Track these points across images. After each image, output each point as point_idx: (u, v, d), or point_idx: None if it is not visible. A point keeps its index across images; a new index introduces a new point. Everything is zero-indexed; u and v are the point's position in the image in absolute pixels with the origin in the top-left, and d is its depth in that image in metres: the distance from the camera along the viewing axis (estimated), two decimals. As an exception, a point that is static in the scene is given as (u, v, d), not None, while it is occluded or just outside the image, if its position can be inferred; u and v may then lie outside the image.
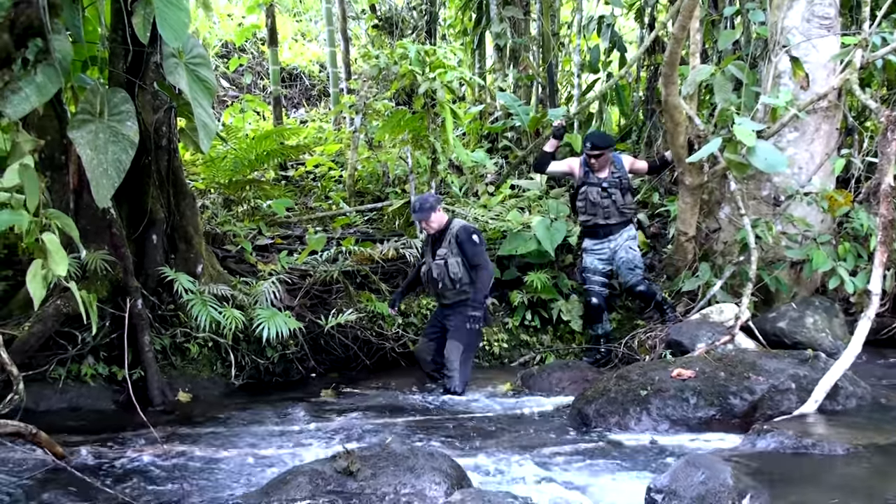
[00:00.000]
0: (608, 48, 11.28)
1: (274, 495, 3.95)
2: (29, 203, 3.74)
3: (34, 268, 3.69)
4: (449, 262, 6.83)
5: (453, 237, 6.87)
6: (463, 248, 6.82)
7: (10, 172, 3.66)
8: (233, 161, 9.27)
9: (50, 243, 3.73)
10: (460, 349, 6.80)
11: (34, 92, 5.00)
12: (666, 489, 3.82)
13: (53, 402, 6.13)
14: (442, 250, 6.90)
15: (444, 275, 6.84)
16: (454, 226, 6.95)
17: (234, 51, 16.41)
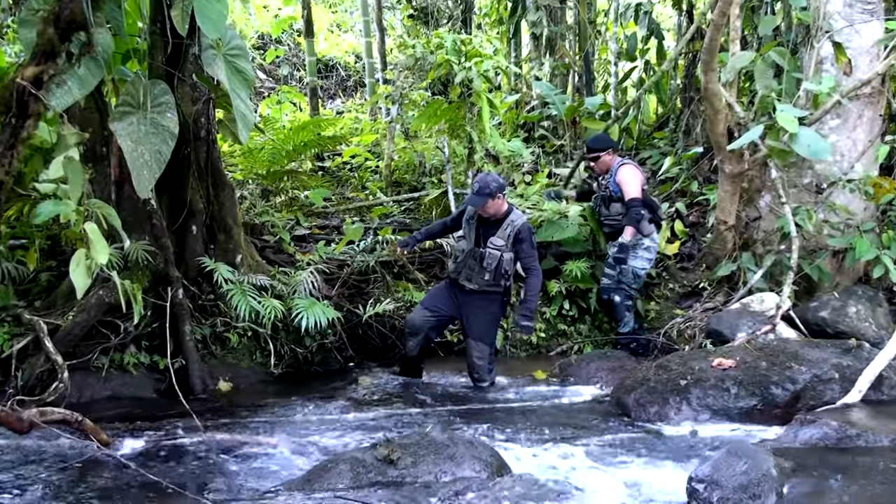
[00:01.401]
0: (646, 36, 11.19)
1: (316, 482, 3.98)
2: (73, 194, 3.79)
3: (78, 257, 3.74)
4: (504, 257, 6.41)
5: (514, 231, 6.42)
6: (521, 245, 6.44)
7: (56, 164, 3.71)
8: (270, 152, 9.32)
9: (92, 233, 3.77)
10: (487, 351, 6.67)
11: (76, 85, 5.07)
12: (708, 479, 3.80)
13: (97, 390, 6.21)
14: (498, 241, 6.42)
15: (493, 266, 6.42)
16: (516, 219, 6.48)
17: (270, 42, 16.47)
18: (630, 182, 7.56)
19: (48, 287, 6.83)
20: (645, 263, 7.66)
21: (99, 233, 3.81)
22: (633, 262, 7.58)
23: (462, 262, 6.61)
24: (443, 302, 6.76)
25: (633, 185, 7.55)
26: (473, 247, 6.53)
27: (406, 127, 10.73)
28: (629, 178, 7.58)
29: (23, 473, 4.45)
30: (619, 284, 7.66)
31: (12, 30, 11.43)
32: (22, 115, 3.57)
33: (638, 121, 10.95)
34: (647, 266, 7.73)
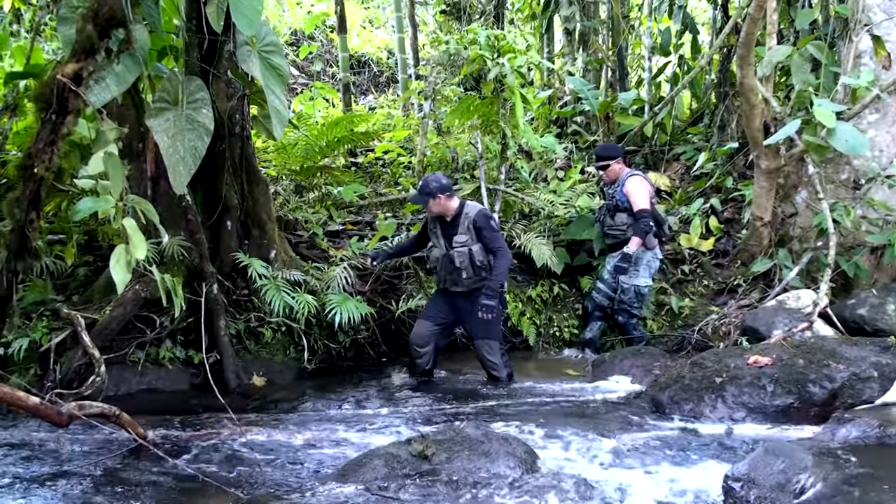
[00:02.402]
0: (680, 30, 11.10)
1: (350, 477, 4.00)
2: (113, 190, 3.82)
3: (117, 253, 3.77)
4: (473, 250, 6.47)
5: (470, 223, 6.48)
6: (482, 233, 6.46)
7: (95, 160, 3.75)
8: (304, 148, 9.36)
9: (130, 228, 3.80)
10: (496, 347, 6.70)
11: (114, 81, 5.13)
12: (744, 477, 3.76)
13: (133, 384, 6.29)
14: (461, 237, 6.50)
15: (466, 262, 6.49)
16: (469, 210, 6.55)
17: (303, 39, 16.53)
18: (639, 193, 7.48)
19: (85, 282, 6.91)
20: (647, 280, 7.57)
21: (137, 228, 3.84)
22: (634, 280, 7.50)
23: (440, 269, 6.70)
24: (442, 309, 6.82)
25: (642, 197, 7.47)
26: (444, 252, 6.59)
27: (439, 123, 10.72)
28: (638, 190, 7.49)
29: (62, 466, 4.51)
30: (621, 304, 7.63)
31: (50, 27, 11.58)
32: (62, 112, 3.61)
33: (672, 116, 10.85)
34: (650, 281, 7.63)
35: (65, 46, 5.62)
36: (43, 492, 4.13)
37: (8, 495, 4.08)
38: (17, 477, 4.34)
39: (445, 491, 3.78)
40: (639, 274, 7.49)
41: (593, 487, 3.98)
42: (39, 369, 5.98)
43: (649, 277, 7.58)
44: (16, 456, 4.72)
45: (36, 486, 4.18)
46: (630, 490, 4.13)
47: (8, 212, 3.70)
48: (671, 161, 10.61)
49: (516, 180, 9.67)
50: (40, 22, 10.56)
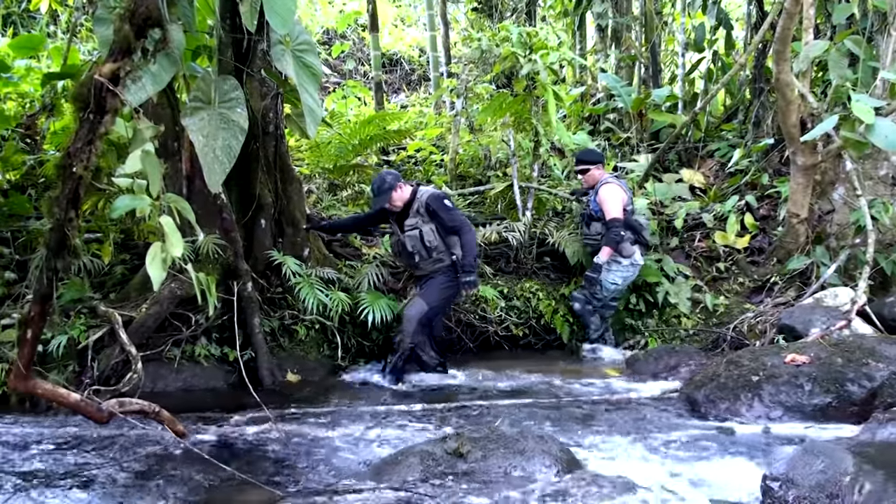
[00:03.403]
0: (714, 26, 10.99)
1: (386, 475, 4.00)
2: (151, 188, 3.85)
3: (153, 251, 3.80)
4: (423, 231, 6.63)
5: (422, 206, 6.66)
6: (437, 215, 6.60)
7: (132, 159, 3.78)
8: (337, 146, 9.39)
9: (167, 226, 3.83)
10: (424, 310, 6.66)
11: (150, 81, 5.17)
12: (783, 477, 3.72)
13: (169, 381, 6.34)
14: (411, 220, 6.70)
15: (418, 245, 6.65)
16: (421, 195, 6.73)
17: (335, 37, 16.59)
18: (610, 201, 7.39)
19: (122, 280, 6.98)
20: (616, 279, 7.49)
21: (174, 226, 3.86)
22: (603, 274, 7.45)
23: (399, 256, 7.02)
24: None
25: (614, 205, 7.37)
26: (398, 237, 6.77)
27: (471, 120, 10.71)
28: (609, 198, 7.40)
29: (101, 462, 4.56)
30: (581, 289, 7.63)
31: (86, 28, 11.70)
32: (100, 111, 3.63)
33: (706, 113, 10.76)
34: (619, 282, 7.54)
35: (101, 47, 5.68)
36: (82, 488, 4.17)
37: (48, 491, 4.13)
38: (57, 473, 4.40)
39: (481, 489, 3.77)
40: (610, 270, 7.47)
41: (630, 486, 3.95)
42: (77, 366, 6.04)
43: (620, 279, 7.51)
44: (55, 452, 4.77)
45: (76, 482, 4.23)
46: (667, 489, 4.10)
47: (48, 210, 3.73)
48: (705, 158, 10.53)
49: (549, 178, 9.64)
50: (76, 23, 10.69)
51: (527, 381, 6.70)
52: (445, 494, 3.71)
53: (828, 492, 3.58)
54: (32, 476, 4.34)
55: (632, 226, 7.46)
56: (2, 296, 6.59)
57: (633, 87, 11.54)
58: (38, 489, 4.12)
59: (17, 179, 8.72)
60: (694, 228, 8.99)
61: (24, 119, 9.08)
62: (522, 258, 8.39)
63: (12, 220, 7.63)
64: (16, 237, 7.27)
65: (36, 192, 8.48)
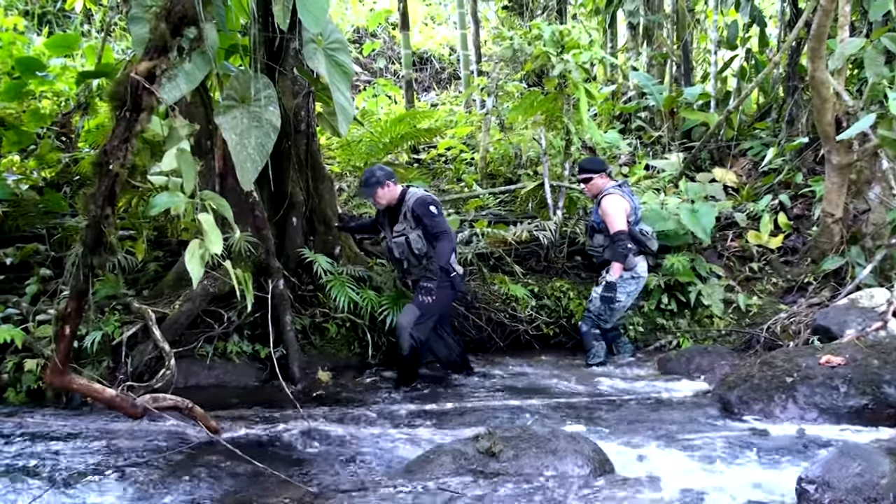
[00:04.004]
0: (747, 23, 10.89)
1: (418, 473, 4.00)
2: (186, 186, 3.87)
3: (192, 247, 3.82)
4: (410, 238, 6.41)
5: (409, 211, 6.43)
6: (422, 221, 6.36)
7: (168, 157, 3.81)
8: (368, 144, 9.41)
9: (206, 223, 3.85)
10: (414, 314, 6.37)
11: (184, 79, 5.20)
12: (819, 480, 3.68)
13: (201, 377, 6.38)
14: (399, 226, 6.48)
15: (406, 252, 6.45)
16: (409, 198, 6.47)
17: (365, 36, 16.63)
18: (613, 213, 7.08)
19: (155, 276, 7.04)
20: (620, 296, 7.19)
21: (213, 223, 3.89)
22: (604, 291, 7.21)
23: (388, 259, 6.81)
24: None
25: (617, 217, 7.07)
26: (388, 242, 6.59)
27: (501, 119, 10.70)
28: (612, 210, 7.10)
29: (135, 457, 4.60)
30: (588, 312, 7.35)
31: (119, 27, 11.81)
32: (136, 109, 3.67)
33: (738, 111, 10.67)
34: (623, 299, 7.24)
35: (136, 45, 5.72)
36: (115, 482, 4.21)
37: (81, 484, 4.17)
38: (91, 467, 4.44)
39: (513, 488, 3.76)
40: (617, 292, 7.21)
41: (662, 487, 3.93)
42: (112, 362, 6.09)
43: (624, 294, 7.21)
44: (89, 446, 4.82)
45: (109, 477, 4.27)
46: (700, 491, 4.06)
47: (84, 207, 3.78)
48: (738, 157, 10.44)
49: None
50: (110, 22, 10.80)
51: (557, 381, 6.68)
52: (478, 493, 3.70)
53: (865, 495, 3.54)
54: (67, 470, 4.39)
55: (635, 237, 7.18)
56: (37, 292, 6.66)
57: (664, 86, 11.48)
58: (73, 483, 4.16)
59: (53, 177, 8.82)
60: (726, 228, 8.92)
61: (58, 117, 9.19)
62: (553, 257, 8.36)
63: (48, 217, 7.73)
64: (51, 234, 7.36)
65: (71, 189, 8.59)
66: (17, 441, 4.92)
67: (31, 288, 6.66)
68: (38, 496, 3.93)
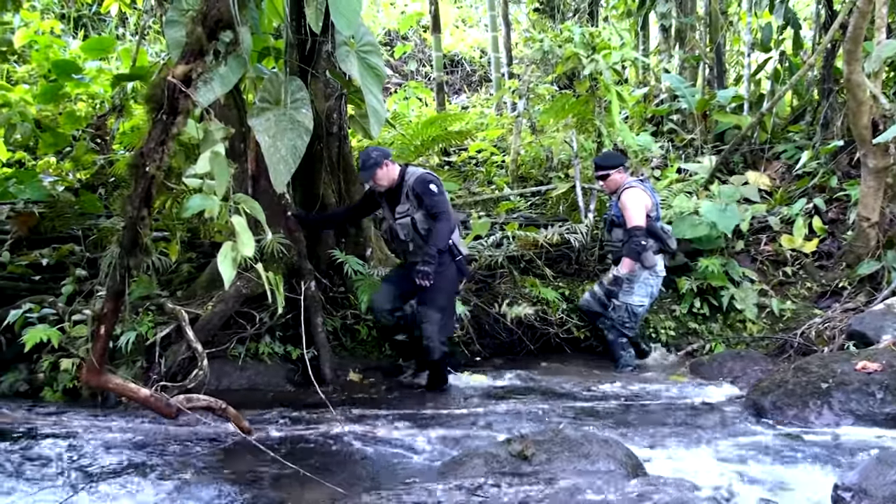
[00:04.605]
0: (781, 26, 10.79)
1: (450, 475, 4.00)
2: (219, 189, 3.91)
3: (225, 249, 3.86)
4: (416, 219, 6.20)
5: (410, 190, 6.21)
6: (423, 200, 6.14)
7: (203, 159, 3.84)
8: (399, 147, 9.44)
9: (238, 226, 3.89)
10: (438, 318, 6.20)
11: (218, 82, 5.24)
12: (856, 487, 3.63)
13: (234, 378, 6.41)
14: (402, 206, 6.25)
15: (411, 233, 6.25)
16: (409, 178, 6.25)
17: (396, 38, 16.69)
18: (632, 208, 6.94)
19: (189, 278, 7.09)
20: (643, 299, 7.09)
21: (245, 226, 3.92)
22: (627, 297, 7.05)
23: (390, 241, 6.57)
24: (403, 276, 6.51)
25: (636, 212, 6.93)
26: (389, 223, 6.41)
27: (533, 121, 10.69)
28: (632, 204, 6.96)
29: (169, 457, 4.63)
30: (612, 322, 7.20)
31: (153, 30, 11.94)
32: (172, 112, 3.71)
33: (772, 114, 10.57)
34: (646, 302, 7.15)
35: (171, 49, 5.78)
36: (148, 482, 4.24)
37: (115, 483, 4.20)
38: (124, 466, 4.47)
39: (546, 492, 3.75)
40: (633, 292, 7.06)
41: (695, 494, 3.90)
42: (146, 362, 6.15)
43: (646, 296, 7.11)
44: (124, 446, 4.86)
45: (142, 476, 4.30)
46: (735, 497, 4.03)
47: (121, 209, 3.84)
48: (771, 160, 10.34)
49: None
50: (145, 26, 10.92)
51: (588, 384, 6.64)
52: (511, 497, 3.70)
53: (903, 503, 3.49)
54: (101, 468, 4.43)
55: (655, 233, 7.06)
56: (73, 292, 6.74)
57: (697, 88, 11.41)
58: (106, 482, 4.20)
59: (88, 179, 8.94)
60: (760, 232, 8.84)
61: (94, 120, 9.31)
62: (584, 260, 8.33)
63: (83, 218, 7.82)
64: (87, 235, 7.44)
65: (106, 191, 8.69)
66: (52, 439, 4.97)
67: (67, 288, 6.74)
68: (73, 494, 3.97)
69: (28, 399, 6.05)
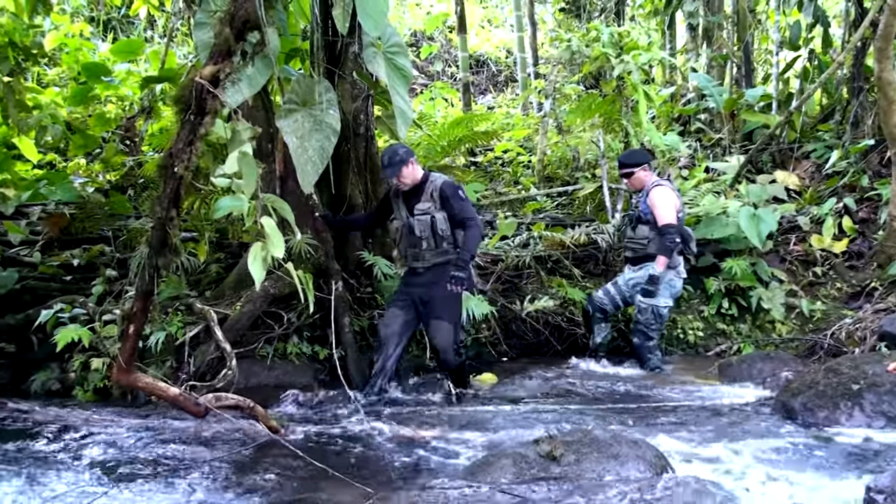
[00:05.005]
0: (810, 24, 10.69)
1: (479, 476, 3.99)
2: (246, 189, 3.93)
3: (255, 250, 3.88)
4: (436, 218, 6.09)
5: (436, 191, 6.11)
6: (450, 202, 6.06)
7: (231, 160, 3.87)
8: (425, 147, 9.45)
9: (268, 226, 3.91)
10: (451, 329, 6.13)
11: (246, 83, 5.27)
12: (888, 490, 3.58)
13: (262, 378, 6.44)
14: (423, 205, 6.13)
15: (427, 232, 6.11)
16: (435, 179, 6.20)
17: (422, 39, 16.71)
18: (664, 206, 6.89)
19: (217, 278, 7.14)
20: (668, 301, 7.01)
21: (275, 227, 3.94)
22: (652, 300, 6.97)
23: (400, 242, 6.39)
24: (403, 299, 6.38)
25: (668, 210, 6.87)
26: (404, 221, 6.27)
27: (559, 121, 10.66)
28: (663, 202, 6.91)
29: (198, 455, 4.65)
30: (638, 325, 7.12)
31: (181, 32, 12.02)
32: (200, 113, 3.74)
33: (801, 113, 10.48)
34: (670, 302, 7.07)
35: (200, 50, 5.82)
36: (177, 480, 4.26)
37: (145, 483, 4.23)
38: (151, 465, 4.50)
39: (575, 493, 3.73)
40: (658, 293, 6.99)
41: (725, 496, 3.86)
42: (175, 362, 6.20)
43: (670, 298, 7.04)
44: (152, 444, 4.89)
45: (171, 474, 4.33)
46: (765, 499, 4.00)
47: (150, 209, 3.86)
48: (800, 159, 10.26)
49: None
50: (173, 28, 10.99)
51: (615, 385, 6.61)
52: (539, 497, 3.69)
53: (937, 506, 3.44)
54: (130, 467, 4.46)
55: (682, 234, 7.01)
56: (103, 292, 6.81)
57: (725, 87, 11.33)
58: (136, 481, 4.22)
59: (118, 180, 9.02)
60: (789, 231, 8.76)
61: (123, 121, 9.39)
62: (611, 260, 8.29)
63: (113, 219, 7.90)
64: (116, 236, 7.51)
65: (135, 192, 8.77)
66: (83, 438, 5.02)
67: (98, 288, 6.82)
68: (104, 493, 4.00)
69: (60, 398, 6.14)
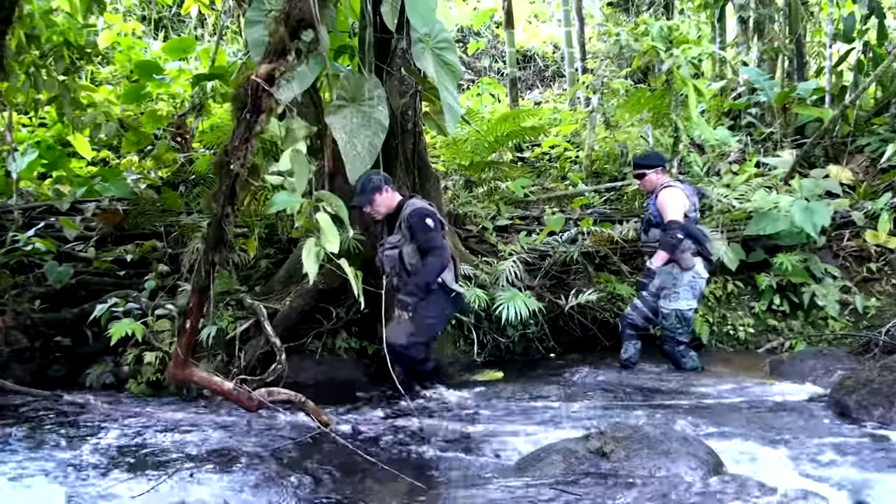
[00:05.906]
0: (865, 15, 10.49)
1: (528, 471, 4.00)
2: (298, 186, 3.98)
3: (308, 245, 3.93)
4: (404, 251, 5.89)
5: (404, 221, 5.91)
6: (415, 234, 5.83)
7: (285, 157, 3.92)
8: (473, 143, 9.46)
9: (324, 223, 3.95)
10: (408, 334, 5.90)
11: (297, 81, 5.33)
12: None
13: (311, 372, 6.52)
14: (393, 237, 5.97)
15: (397, 266, 5.93)
16: (407, 208, 5.95)
17: (469, 35, 16.71)
18: (671, 205, 6.72)
19: (267, 273, 7.23)
20: (690, 303, 6.79)
21: (330, 223, 3.99)
22: (674, 303, 6.76)
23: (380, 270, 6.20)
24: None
25: (675, 208, 6.71)
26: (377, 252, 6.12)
27: (607, 116, 10.60)
28: (670, 202, 6.74)
29: (251, 449, 4.72)
30: (665, 331, 6.94)
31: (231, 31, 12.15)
32: (256, 111, 3.78)
33: (855, 106, 10.30)
34: (694, 304, 6.86)
35: (252, 48, 5.89)
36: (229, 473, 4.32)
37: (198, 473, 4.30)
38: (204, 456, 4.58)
39: (625, 489, 3.73)
40: (679, 297, 6.78)
41: (777, 491, 3.83)
42: (226, 356, 6.30)
43: (692, 299, 6.83)
44: (205, 437, 4.98)
45: (224, 467, 4.39)
46: (816, 496, 3.95)
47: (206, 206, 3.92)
48: (854, 153, 10.07)
49: (688, 174, 9.42)
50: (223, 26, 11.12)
51: (664, 382, 6.55)
52: (590, 493, 3.68)
53: None
54: (182, 460, 4.54)
55: (694, 235, 6.80)
56: (156, 287, 6.92)
57: (776, 81, 11.16)
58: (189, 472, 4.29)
59: (169, 176, 9.15)
60: (843, 227, 8.62)
61: (174, 119, 9.53)
62: (660, 256, 8.22)
63: (165, 215, 8.02)
64: (168, 231, 7.63)
65: (186, 188, 8.89)
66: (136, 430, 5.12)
67: (150, 283, 6.93)
68: (156, 486, 4.08)
69: (114, 390, 6.26)
